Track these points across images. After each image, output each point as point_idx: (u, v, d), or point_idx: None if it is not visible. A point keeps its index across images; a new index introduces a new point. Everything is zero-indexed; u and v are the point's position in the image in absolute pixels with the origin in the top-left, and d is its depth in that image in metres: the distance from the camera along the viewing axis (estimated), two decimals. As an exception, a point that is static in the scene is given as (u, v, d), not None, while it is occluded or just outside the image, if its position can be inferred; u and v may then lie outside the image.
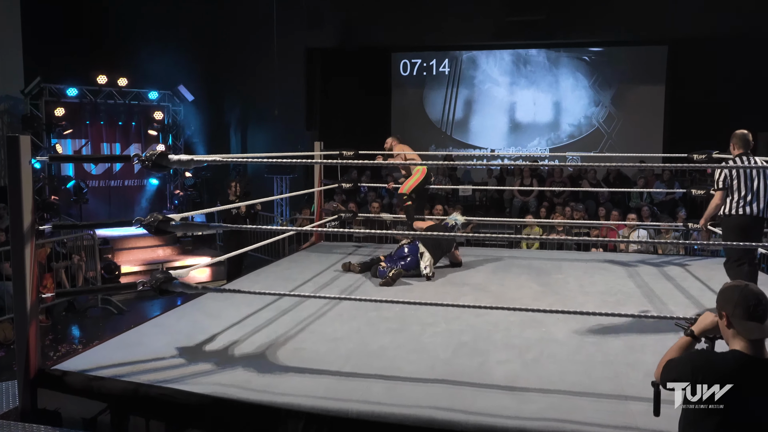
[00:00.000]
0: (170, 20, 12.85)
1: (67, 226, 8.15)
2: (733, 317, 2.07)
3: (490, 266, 6.26)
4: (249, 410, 3.04)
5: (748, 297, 2.07)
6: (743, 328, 2.05)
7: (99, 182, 12.69)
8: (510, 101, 14.50)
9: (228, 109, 15.23)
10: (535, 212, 10.65)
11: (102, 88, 12.21)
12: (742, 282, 2.13)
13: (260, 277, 5.76)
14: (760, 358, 2.04)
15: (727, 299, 2.11)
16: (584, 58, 14.03)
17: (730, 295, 2.11)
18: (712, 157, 6.23)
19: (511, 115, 14.52)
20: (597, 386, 3.20)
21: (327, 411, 2.95)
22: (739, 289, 2.11)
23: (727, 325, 2.09)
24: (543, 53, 14.21)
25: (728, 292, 2.13)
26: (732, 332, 2.09)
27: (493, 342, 3.89)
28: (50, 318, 8.09)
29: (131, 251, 11.21)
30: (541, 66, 14.30)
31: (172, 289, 3.65)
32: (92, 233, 9.03)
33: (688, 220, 8.18)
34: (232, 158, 4.82)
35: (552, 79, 14.22)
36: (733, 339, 2.09)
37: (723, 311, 2.11)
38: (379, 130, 13.84)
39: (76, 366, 3.45)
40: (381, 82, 14.96)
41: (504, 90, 14.52)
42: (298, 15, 13.20)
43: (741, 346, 2.06)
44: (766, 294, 2.11)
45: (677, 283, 5.49)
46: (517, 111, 14.49)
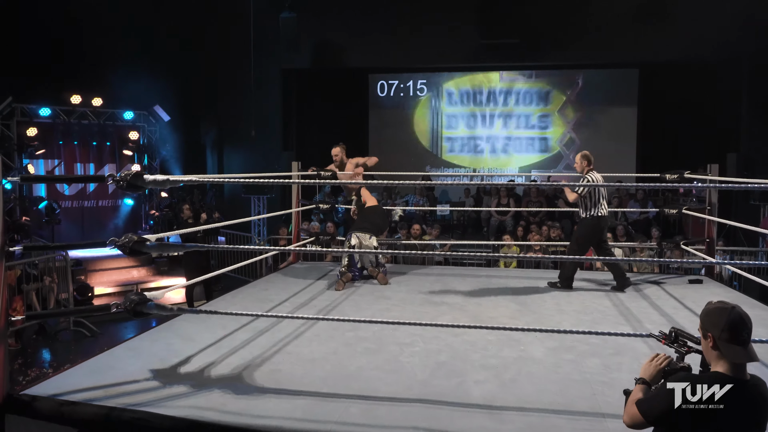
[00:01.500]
0: (146, 40, 12.82)
1: (39, 247, 8.03)
2: (719, 340, 2.09)
3: (467, 286, 6.27)
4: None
5: (736, 322, 2.10)
6: (729, 352, 2.08)
7: (72, 203, 12.52)
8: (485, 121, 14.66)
9: (204, 130, 15.18)
10: (512, 231, 10.73)
11: (76, 108, 12.09)
12: (729, 305, 2.16)
13: (236, 298, 5.70)
14: (741, 379, 2.08)
15: (714, 323, 2.13)
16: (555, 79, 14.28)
17: (717, 319, 2.13)
18: (684, 177, 6.37)
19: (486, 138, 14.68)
20: (574, 405, 3.20)
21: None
22: (727, 312, 2.13)
23: (713, 347, 2.12)
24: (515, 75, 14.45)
25: (715, 315, 2.14)
26: (717, 354, 2.12)
27: (471, 362, 3.89)
28: (20, 342, 7.91)
29: (105, 272, 11.04)
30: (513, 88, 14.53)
31: (147, 311, 3.59)
32: (64, 254, 8.88)
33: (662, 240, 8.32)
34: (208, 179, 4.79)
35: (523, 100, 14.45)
36: (717, 361, 2.12)
37: (709, 333, 2.13)
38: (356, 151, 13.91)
39: (46, 391, 3.36)
40: (358, 103, 15.06)
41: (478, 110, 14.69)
42: (274, 36, 13.26)
43: (725, 368, 2.09)
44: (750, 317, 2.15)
45: (652, 302, 5.56)
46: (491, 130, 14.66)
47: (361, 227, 6.48)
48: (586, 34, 12.38)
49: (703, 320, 2.18)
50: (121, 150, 13.01)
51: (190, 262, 8.87)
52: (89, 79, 12.21)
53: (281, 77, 14.25)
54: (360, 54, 13.76)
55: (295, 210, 7.53)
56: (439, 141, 14.75)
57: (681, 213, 6.94)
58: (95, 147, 12.76)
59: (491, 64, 14.07)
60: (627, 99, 13.99)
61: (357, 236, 6.37)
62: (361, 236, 6.36)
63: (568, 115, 14.23)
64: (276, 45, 13.44)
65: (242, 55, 13.13)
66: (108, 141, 12.92)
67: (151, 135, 13.47)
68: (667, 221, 10.48)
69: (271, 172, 7.58)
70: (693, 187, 9.77)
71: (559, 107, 14.26)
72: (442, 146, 14.71)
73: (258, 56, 13.13)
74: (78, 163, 12.60)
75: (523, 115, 14.48)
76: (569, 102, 14.20)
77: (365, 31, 13.23)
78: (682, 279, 6.61)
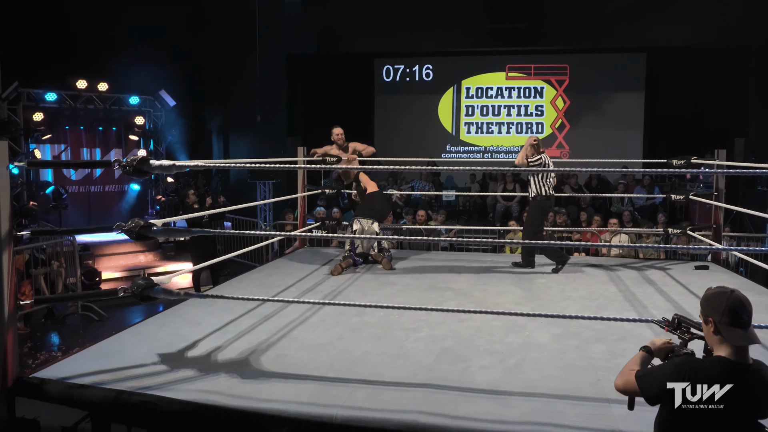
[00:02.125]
0: (151, 25, 12.75)
1: (46, 232, 8.06)
2: (720, 324, 2.09)
3: (473, 271, 6.29)
4: (232, 417, 3.02)
5: (735, 305, 2.10)
6: (730, 335, 2.08)
7: (78, 188, 12.56)
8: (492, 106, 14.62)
9: (210, 115, 15.16)
10: (518, 217, 10.71)
11: (82, 93, 12.09)
12: (728, 289, 2.16)
13: (242, 284, 5.73)
14: (744, 364, 2.08)
15: (713, 307, 2.13)
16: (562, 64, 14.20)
17: (716, 303, 2.13)
18: (691, 162, 6.33)
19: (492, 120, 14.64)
20: (579, 390, 3.22)
21: (310, 417, 2.94)
22: (726, 296, 2.13)
23: (714, 331, 2.12)
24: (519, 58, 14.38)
25: (714, 300, 2.15)
26: (718, 339, 2.12)
27: (476, 347, 3.90)
28: (29, 326, 7.98)
29: (112, 257, 11.09)
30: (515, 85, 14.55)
31: (154, 296, 3.61)
32: (72, 239, 8.93)
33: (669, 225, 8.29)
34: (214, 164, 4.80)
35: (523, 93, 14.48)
36: (719, 345, 2.12)
37: (710, 317, 2.14)
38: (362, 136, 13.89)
39: (55, 374, 3.40)
40: (364, 88, 14.99)
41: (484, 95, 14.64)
42: (279, 21, 13.19)
43: (727, 353, 2.09)
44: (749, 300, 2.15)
45: (658, 287, 5.56)
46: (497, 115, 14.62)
47: (363, 213, 6.52)
48: (593, 18, 12.26)
49: (703, 305, 2.19)
50: (127, 135, 13.02)
51: (196, 247, 8.90)
52: (95, 64, 12.19)
53: (287, 62, 14.19)
54: (365, 39, 13.68)
55: (300, 195, 7.54)
56: (459, 124, 14.85)
57: (688, 199, 6.91)
58: (101, 132, 12.77)
59: (497, 49, 13.94)
60: (634, 84, 13.87)
61: (359, 221, 6.42)
62: (363, 221, 6.41)
63: (559, 105, 14.31)
64: (281, 30, 13.38)
65: (248, 40, 13.07)
66: (114, 126, 12.92)
67: (157, 120, 13.47)
68: (673, 207, 10.44)
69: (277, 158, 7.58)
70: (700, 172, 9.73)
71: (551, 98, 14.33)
72: (461, 128, 14.80)
73: (263, 41, 13.07)
74: (84, 148, 12.63)
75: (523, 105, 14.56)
76: (560, 94, 14.25)
77: (371, 15, 13.13)
78: (688, 265, 6.60)
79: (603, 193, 11.21)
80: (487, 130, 14.74)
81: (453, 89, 14.75)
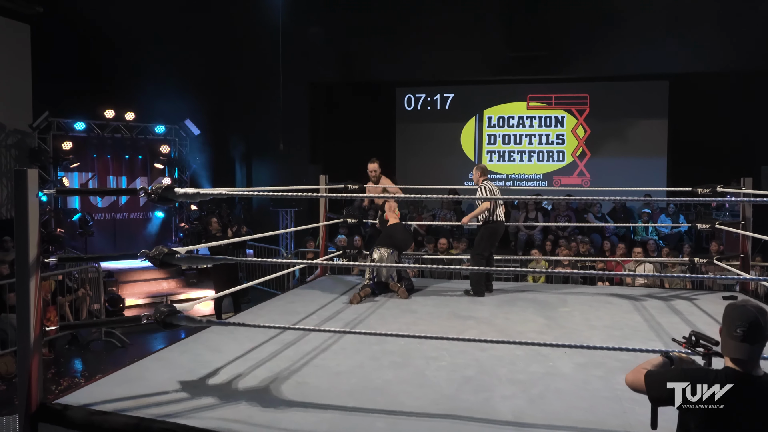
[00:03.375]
0: (177, 56, 13.06)
1: (72, 258, 8.19)
2: (722, 334, 2.15)
3: (495, 300, 6.23)
4: (251, 446, 3.00)
5: (732, 315, 2.13)
6: (727, 346, 2.13)
7: (104, 215, 12.76)
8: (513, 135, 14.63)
9: (233, 143, 15.38)
10: (541, 245, 10.63)
11: (109, 122, 12.37)
12: (744, 301, 2.18)
13: (264, 311, 5.74)
14: (750, 374, 2.07)
15: (724, 315, 2.18)
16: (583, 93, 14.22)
17: (727, 312, 2.18)
18: (717, 191, 6.24)
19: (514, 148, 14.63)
20: (604, 422, 3.15)
21: (330, 447, 2.91)
22: (735, 307, 2.16)
23: (722, 341, 2.15)
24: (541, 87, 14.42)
25: (727, 309, 2.19)
26: (724, 349, 2.16)
27: (498, 377, 3.85)
28: (53, 351, 8.06)
29: (136, 284, 11.20)
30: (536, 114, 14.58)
31: (176, 323, 3.63)
32: (97, 266, 9.04)
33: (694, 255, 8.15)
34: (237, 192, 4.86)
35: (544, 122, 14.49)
36: (726, 355, 2.16)
37: (721, 327, 2.19)
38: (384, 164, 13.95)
39: (77, 400, 3.42)
40: (385, 116, 15.11)
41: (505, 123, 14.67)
42: (302, 50, 13.41)
43: (731, 363, 2.12)
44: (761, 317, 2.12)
45: (684, 317, 5.45)
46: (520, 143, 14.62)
47: (384, 243, 6.55)
48: (615, 45, 12.28)
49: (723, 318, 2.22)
50: (152, 163, 13.25)
51: (219, 275, 8.96)
52: (122, 93, 12.49)
53: (309, 90, 14.40)
54: (387, 67, 13.84)
55: (322, 224, 7.58)
56: (482, 152, 14.92)
57: (714, 228, 6.80)
58: (127, 160, 13.02)
59: (518, 78, 14.02)
60: (657, 111, 13.80)
61: (379, 251, 6.45)
62: (383, 251, 6.42)
63: (580, 133, 14.27)
64: (304, 58, 13.59)
65: (271, 68, 13.30)
66: (140, 154, 13.17)
67: (182, 148, 13.70)
68: (699, 236, 10.28)
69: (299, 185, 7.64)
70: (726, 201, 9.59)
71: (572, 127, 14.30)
72: (483, 157, 14.86)
73: (287, 70, 13.29)
74: (111, 176, 12.87)
75: (544, 134, 14.57)
76: (580, 123, 14.23)
77: (392, 44, 13.31)
78: (715, 295, 6.46)
79: (627, 221, 11.09)
80: (509, 158, 14.75)
81: (475, 118, 14.83)
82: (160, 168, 13.25)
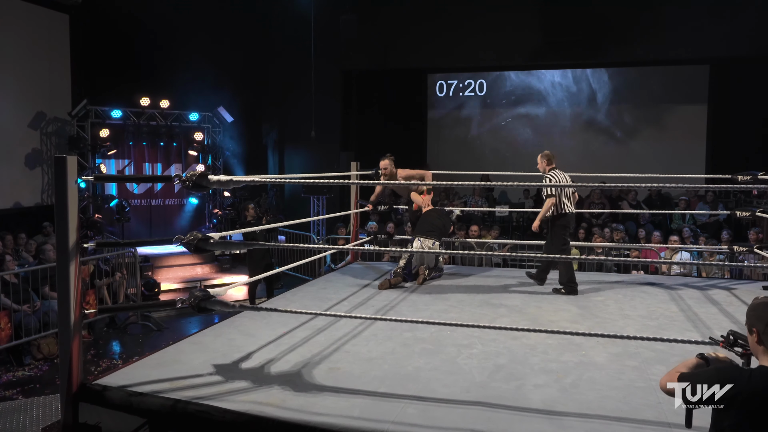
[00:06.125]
0: (210, 44, 13.18)
1: (110, 244, 8.35)
2: (764, 334, 2.06)
3: (527, 288, 6.18)
4: (284, 429, 3.04)
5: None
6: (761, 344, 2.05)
7: (140, 201, 12.99)
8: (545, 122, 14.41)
9: (266, 131, 15.49)
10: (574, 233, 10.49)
11: (145, 110, 12.55)
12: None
13: (296, 297, 5.80)
14: None
15: (758, 316, 2.10)
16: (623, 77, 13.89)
17: (761, 312, 2.10)
18: (758, 178, 6.06)
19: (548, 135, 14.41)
20: (638, 413, 3.11)
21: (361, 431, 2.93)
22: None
23: (758, 341, 2.09)
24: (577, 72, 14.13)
25: (760, 309, 2.11)
26: (762, 349, 2.08)
27: (530, 365, 3.83)
28: (92, 334, 8.27)
29: (171, 269, 11.40)
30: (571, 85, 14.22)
31: (210, 307, 3.69)
32: (133, 251, 9.23)
33: (734, 243, 7.95)
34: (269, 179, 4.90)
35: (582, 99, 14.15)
36: (763, 355, 2.09)
37: (754, 327, 2.11)
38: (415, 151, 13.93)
39: (116, 381, 3.51)
40: (417, 103, 15.04)
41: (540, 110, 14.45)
42: (334, 38, 13.41)
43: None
44: None
45: (722, 308, 5.33)
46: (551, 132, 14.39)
47: (423, 230, 6.45)
48: (653, 29, 11.97)
49: (749, 315, 2.15)
50: (186, 150, 13.42)
51: (253, 260, 9.06)
52: (157, 81, 12.65)
53: (341, 78, 14.41)
54: (419, 54, 13.75)
55: (353, 211, 7.60)
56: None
57: (755, 215, 6.61)
58: (162, 147, 13.21)
59: (553, 63, 13.79)
60: (697, 96, 13.44)
61: (419, 240, 6.34)
62: (424, 241, 6.33)
63: (634, 113, 13.86)
64: (336, 46, 13.59)
65: (303, 56, 13.34)
66: (174, 141, 13.34)
67: (215, 136, 13.85)
68: (739, 224, 10.01)
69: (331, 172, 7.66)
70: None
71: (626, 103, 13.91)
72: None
73: (319, 57, 13.31)
74: (146, 163, 13.07)
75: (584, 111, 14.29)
76: (635, 99, 13.81)
77: (424, 31, 13.21)
78: (755, 285, 6.30)
79: (663, 209, 10.86)
80: (542, 145, 14.55)
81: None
82: (194, 155, 13.42)
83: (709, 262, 8.23)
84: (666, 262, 8.43)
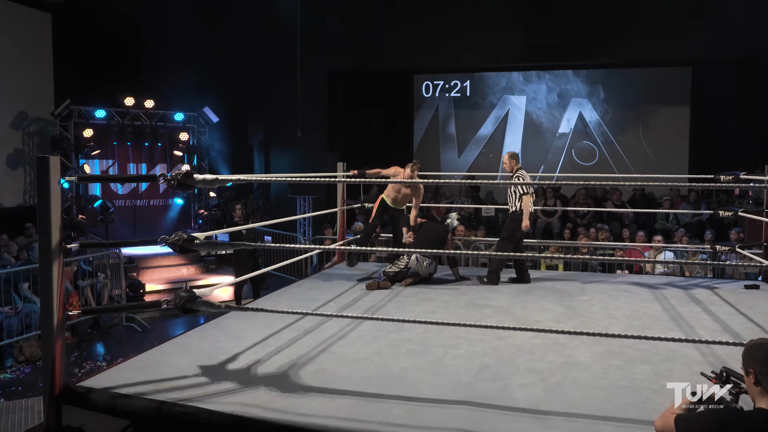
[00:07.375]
0: (195, 43, 13.09)
1: (94, 244, 8.29)
2: (760, 375, 2.05)
3: (513, 289, 6.21)
4: (270, 430, 3.03)
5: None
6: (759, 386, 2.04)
7: (125, 202, 12.89)
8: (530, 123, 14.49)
9: (251, 131, 15.42)
10: (559, 233, 10.57)
11: (129, 110, 12.45)
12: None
13: (282, 297, 5.78)
14: None
15: (754, 357, 2.10)
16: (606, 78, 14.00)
17: (758, 354, 2.10)
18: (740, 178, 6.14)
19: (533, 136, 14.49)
20: (622, 412, 3.13)
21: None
22: (766, 346, 2.09)
23: (755, 382, 2.08)
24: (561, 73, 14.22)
25: (755, 350, 2.12)
26: (759, 389, 2.08)
27: (516, 365, 3.85)
28: (76, 335, 8.19)
29: (155, 270, 11.32)
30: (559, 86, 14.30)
31: (196, 308, 3.67)
32: (118, 252, 9.15)
33: (716, 242, 8.05)
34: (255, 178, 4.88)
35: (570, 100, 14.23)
36: (760, 397, 2.08)
37: (750, 368, 2.10)
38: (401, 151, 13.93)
39: (100, 383, 3.48)
40: (403, 104, 15.05)
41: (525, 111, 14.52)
42: (320, 38, 13.38)
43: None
44: None
45: (705, 307, 5.39)
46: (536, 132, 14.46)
47: (420, 246, 6.32)
48: (637, 32, 12.06)
49: (745, 356, 2.15)
50: (171, 150, 13.34)
51: (239, 261, 9.03)
52: (141, 81, 12.56)
53: (327, 78, 14.38)
54: (405, 55, 13.75)
55: (339, 209, 7.59)
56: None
57: (737, 215, 6.70)
58: (147, 148, 13.11)
59: (538, 64, 13.86)
60: (679, 98, 13.57)
61: (417, 258, 6.25)
62: (421, 260, 6.25)
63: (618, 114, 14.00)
64: (322, 46, 13.56)
65: (289, 56, 13.29)
66: (159, 142, 13.25)
67: (201, 136, 13.77)
68: (721, 224, 10.14)
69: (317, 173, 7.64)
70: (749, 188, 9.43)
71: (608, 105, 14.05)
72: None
73: (304, 58, 13.27)
74: (131, 163, 12.97)
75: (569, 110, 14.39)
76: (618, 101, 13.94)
77: (410, 32, 13.22)
78: (737, 284, 6.38)
79: (647, 209, 10.97)
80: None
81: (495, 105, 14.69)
82: (179, 155, 13.34)
83: (693, 261, 8.32)
84: (650, 261, 8.51)
